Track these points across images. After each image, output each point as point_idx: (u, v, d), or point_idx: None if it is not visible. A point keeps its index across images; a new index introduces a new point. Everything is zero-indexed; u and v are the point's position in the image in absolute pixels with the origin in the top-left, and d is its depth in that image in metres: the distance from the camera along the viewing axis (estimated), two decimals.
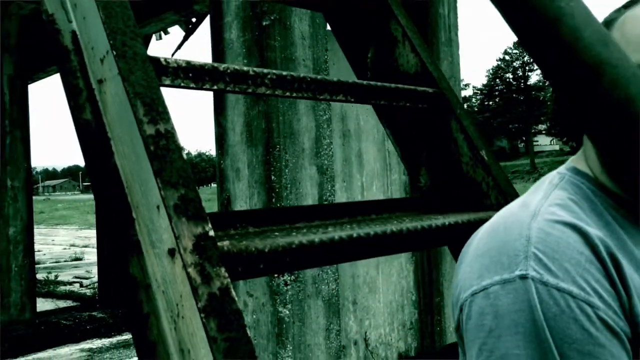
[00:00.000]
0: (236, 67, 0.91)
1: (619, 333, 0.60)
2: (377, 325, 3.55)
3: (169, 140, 0.74)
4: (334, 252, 0.83)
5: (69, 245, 19.75)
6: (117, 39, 0.79)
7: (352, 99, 1.08)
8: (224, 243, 0.74)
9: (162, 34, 8.58)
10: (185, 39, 7.97)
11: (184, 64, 0.85)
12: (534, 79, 66.49)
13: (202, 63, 0.87)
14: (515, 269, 0.62)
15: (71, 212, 41.01)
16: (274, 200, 2.92)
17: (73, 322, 7.28)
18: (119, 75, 0.77)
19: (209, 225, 0.70)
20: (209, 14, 3.77)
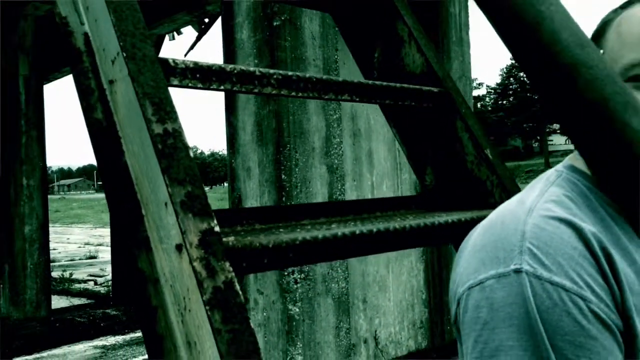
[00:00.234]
0: (242, 68, 0.93)
1: (610, 325, 0.62)
2: (387, 323, 3.56)
3: (176, 138, 0.76)
4: (337, 248, 0.85)
5: (83, 243, 19.95)
6: (127, 41, 0.81)
7: (357, 99, 1.09)
8: (229, 238, 0.76)
9: (175, 34, 8.64)
10: (198, 39, 8.02)
11: (191, 65, 0.87)
12: None
13: (209, 64, 0.89)
14: (510, 264, 0.64)
15: (86, 211, 41.39)
16: (284, 199, 2.95)
17: (87, 320, 7.37)
18: (129, 76, 0.79)
19: (214, 221, 0.72)
20: (220, 14, 3.80)
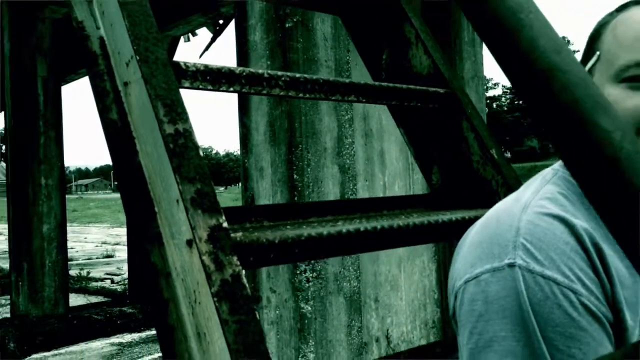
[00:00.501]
0: (251, 70, 0.96)
1: (600, 318, 0.64)
2: (399, 323, 3.58)
3: (187, 138, 0.80)
4: (341, 244, 0.87)
5: (100, 242, 20.15)
6: (140, 45, 0.85)
7: (364, 100, 1.12)
8: (237, 234, 0.79)
9: (190, 35, 8.72)
10: (213, 40, 8.09)
11: (202, 68, 0.90)
12: None
13: (219, 66, 0.93)
14: (505, 258, 0.66)
15: (103, 211, 41.80)
16: (296, 198, 2.98)
17: (104, 317, 7.46)
18: (142, 79, 0.83)
19: (223, 218, 0.75)
20: (234, 16, 3.85)
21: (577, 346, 0.62)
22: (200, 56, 8.97)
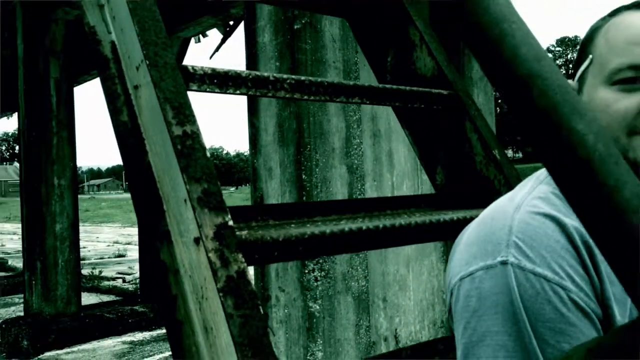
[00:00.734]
0: (257, 74, 0.99)
1: (589, 314, 0.66)
2: (407, 322, 3.59)
3: (194, 140, 0.83)
4: (343, 243, 0.90)
5: (112, 242, 20.30)
6: (149, 50, 0.88)
7: (368, 101, 1.15)
8: (242, 232, 0.82)
9: (200, 37, 8.78)
10: (223, 41, 8.13)
11: (209, 71, 0.93)
12: None
13: (226, 70, 0.96)
14: (498, 256, 0.69)
15: (115, 211, 42.09)
16: (304, 198, 3.01)
17: (116, 316, 7.54)
18: (152, 82, 0.86)
19: (229, 216, 0.78)
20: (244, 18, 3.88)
21: (567, 341, 0.64)
22: (211, 57, 9.02)
